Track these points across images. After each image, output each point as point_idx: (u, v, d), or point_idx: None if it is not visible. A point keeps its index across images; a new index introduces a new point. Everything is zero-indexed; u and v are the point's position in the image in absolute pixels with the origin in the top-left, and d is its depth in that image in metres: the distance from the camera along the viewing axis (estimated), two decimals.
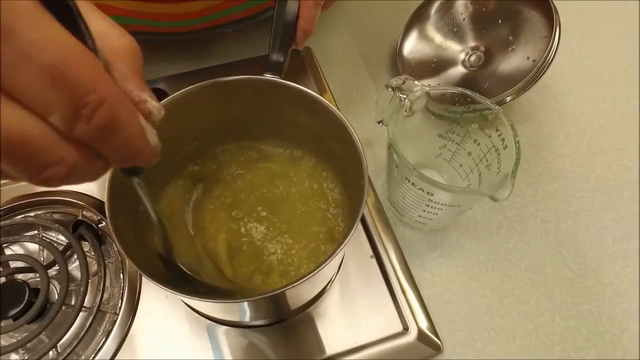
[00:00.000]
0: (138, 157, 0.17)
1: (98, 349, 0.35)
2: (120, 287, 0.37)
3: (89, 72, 0.14)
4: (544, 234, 0.41)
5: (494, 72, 0.46)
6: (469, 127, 0.37)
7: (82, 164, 0.16)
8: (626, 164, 0.45)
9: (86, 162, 0.16)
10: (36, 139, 0.14)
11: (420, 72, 0.49)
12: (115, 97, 0.15)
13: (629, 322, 0.37)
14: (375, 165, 0.45)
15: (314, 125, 0.34)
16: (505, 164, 0.34)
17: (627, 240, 0.40)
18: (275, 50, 0.34)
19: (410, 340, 0.35)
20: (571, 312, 0.37)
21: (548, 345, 0.36)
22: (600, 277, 0.39)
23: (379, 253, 0.38)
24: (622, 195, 0.43)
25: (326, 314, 0.36)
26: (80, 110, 0.14)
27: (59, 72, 0.13)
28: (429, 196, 0.34)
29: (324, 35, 0.54)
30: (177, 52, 0.52)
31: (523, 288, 0.38)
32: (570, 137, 0.47)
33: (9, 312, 0.35)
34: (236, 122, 0.37)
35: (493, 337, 0.36)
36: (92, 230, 0.39)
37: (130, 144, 0.16)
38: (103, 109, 0.14)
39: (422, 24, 0.50)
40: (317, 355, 0.35)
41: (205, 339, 0.35)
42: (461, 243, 0.40)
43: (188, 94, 0.32)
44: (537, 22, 0.43)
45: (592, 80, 0.51)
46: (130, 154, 0.17)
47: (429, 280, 0.38)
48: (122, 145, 0.16)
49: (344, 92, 0.50)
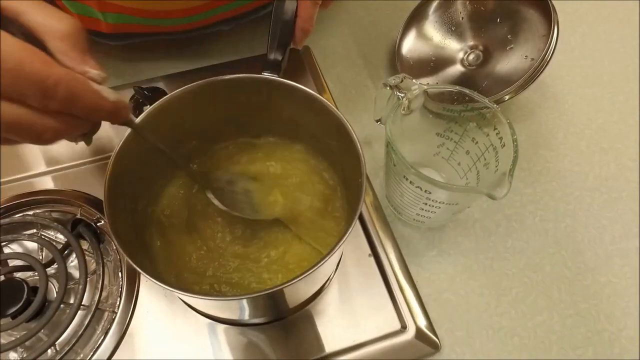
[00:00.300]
0: (104, 110, 0.23)
1: (96, 347, 0.35)
2: (118, 286, 0.37)
3: (39, 64, 0.20)
4: (543, 233, 0.41)
5: (492, 71, 0.46)
6: (467, 126, 0.37)
7: (66, 126, 0.22)
8: (625, 163, 0.45)
9: (69, 124, 0.22)
10: (25, 119, 0.21)
11: (419, 70, 0.49)
12: (66, 75, 0.21)
13: (627, 321, 0.37)
14: (374, 163, 0.45)
15: (313, 124, 0.34)
16: (503, 162, 0.34)
17: (625, 240, 0.40)
18: (273, 50, 0.34)
19: (408, 339, 0.35)
20: (569, 310, 0.37)
21: (546, 344, 0.36)
22: (599, 276, 0.39)
23: (377, 252, 0.39)
24: (620, 195, 0.43)
25: (324, 313, 0.36)
26: (46, 92, 0.20)
27: (20, 72, 0.19)
28: (427, 194, 0.34)
29: (322, 34, 0.54)
30: (176, 51, 0.52)
31: (521, 287, 0.38)
32: (569, 136, 0.47)
33: (7, 311, 0.35)
34: (235, 121, 0.37)
35: (491, 336, 0.36)
36: (91, 229, 0.39)
37: (92, 103, 0.22)
38: (61, 86, 0.20)
39: (421, 23, 0.50)
40: (316, 353, 0.35)
41: (205, 337, 0.35)
42: (459, 242, 0.40)
43: (187, 92, 0.32)
44: (536, 21, 0.44)
45: (591, 80, 0.51)
46: (96, 109, 0.23)
47: (427, 279, 0.38)
48: (87, 105, 0.22)
49: (342, 91, 0.50)
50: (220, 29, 0.49)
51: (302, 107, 0.33)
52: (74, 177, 0.43)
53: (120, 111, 0.24)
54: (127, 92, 0.46)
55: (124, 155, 0.30)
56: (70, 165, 0.44)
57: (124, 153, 0.30)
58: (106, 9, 0.43)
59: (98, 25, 0.45)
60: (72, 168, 0.44)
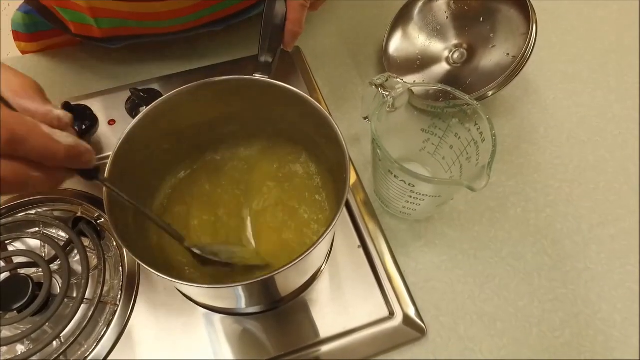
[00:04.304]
0: (57, 156, 0.22)
1: (99, 338, 0.36)
2: (119, 280, 0.39)
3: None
4: (525, 223, 0.43)
5: (476, 68, 0.48)
6: (450, 122, 0.39)
7: (19, 174, 0.21)
8: (603, 155, 0.47)
9: (22, 171, 0.22)
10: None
11: (406, 69, 0.50)
12: (9, 118, 0.21)
13: (602, 305, 0.39)
14: (363, 159, 0.47)
15: (302, 122, 0.36)
16: (483, 156, 0.35)
17: (602, 227, 0.42)
18: (264, 51, 0.36)
19: (396, 325, 0.37)
20: (549, 295, 0.39)
21: (527, 327, 0.38)
22: (577, 263, 0.41)
23: (366, 243, 0.40)
24: (598, 185, 0.45)
25: (317, 302, 0.38)
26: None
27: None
28: (411, 187, 0.36)
29: (312, 35, 0.55)
30: (171, 53, 0.53)
31: (504, 274, 0.40)
32: (550, 130, 0.49)
33: (13, 305, 0.36)
34: (227, 121, 0.39)
35: (475, 321, 0.38)
36: (92, 226, 0.41)
37: (40, 147, 0.22)
38: (2, 129, 0.20)
39: (407, 23, 0.51)
40: (309, 339, 0.36)
41: (202, 326, 0.37)
42: (445, 232, 0.42)
43: (180, 93, 0.34)
44: (516, 20, 0.45)
45: (571, 75, 0.53)
46: (46, 154, 0.22)
47: (414, 269, 0.40)
48: (34, 149, 0.21)
49: (332, 90, 0.51)
50: (213, 29, 0.50)
51: (291, 106, 0.35)
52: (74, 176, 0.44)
53: (80, 156, 0.24)
54: (122, 93, 0.47)
55: (123, 154, 0.32)
56: None
57: (122, 153, 0.32)
58: (98, 15, 0.44)
59: (91, 31, 0.47)
60: None
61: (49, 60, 0.53)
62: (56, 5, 0.46)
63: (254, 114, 0.38)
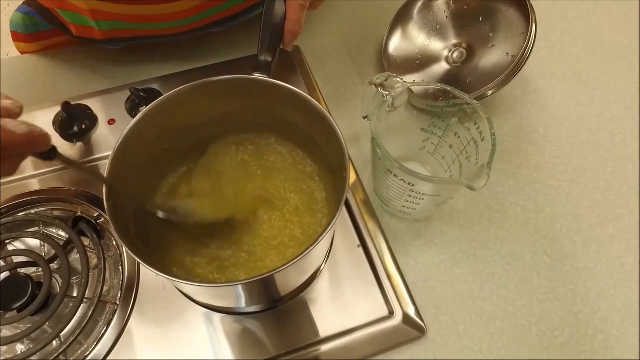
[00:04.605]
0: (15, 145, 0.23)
1: (99, 337, 0.36)
2: (119, 279, 0.39)
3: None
4: (524, 222, 0.43)
5: (475, 68, 0.48)
6: (450, 121, 0.39)
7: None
8: (602, 155, 0.47)
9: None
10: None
11: (405, 69, 0.51)
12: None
13: (601, 303, 0.39)
14: (363, 159, 0.47)
15: (302, 122, 0.36)
16: (482, 155, 0.36)
17: (601, 227, 0.43)
18: (263, 51, 0.36)
19: (395, 324, 0.37)
20: (548, 295, 0.39)
21: (526, 326, 0.38)
22: (576, 262, 0.41)
23: (365, 242, 0.40)
24: (597, 185, 0.45)
25: (317, 301, 0.38)
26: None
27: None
28: (411, 187, 0.36)
29: (312, 34, 0.55)
30: (170, 54, 0.53)
31: (503, 273, 0.40)
32: (549, 130, 0.49)
33: (13, 305, 0.36)
34: (227, 120, 0.39)
35: (474, 320, 0.38)
36: (92, 226, 0.41)
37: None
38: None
39: (406, 22, 0.51)
40: (309, 339, 0.36)
41: (202, 325, 0.37)
42: (444, 232, 0.42)
43: (180, 93, 0.34)
44: (515, 20, 0.45)
45: (571, 75, 0.53)
46: (5, 146, 0.23)
47: (413, 268, 0.40)
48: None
49: (332, 89, 0.51)
50: (212, 31, 0.50)
51: (291, 106, 0.35)
52: (74, 176, 0.44)
53: (37, 141, 0.25)
54: (122, 93, 0.47)
55: (123, 154, 0.32)
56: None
57: (122, 152, 0.32)
58: (100, 17, 0.44)
59: (92, 33, 0.47)
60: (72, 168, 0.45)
61: (48, 61, 0.53)
62: (57, 8, 0.46)
63: (254, 113, 0.38)
